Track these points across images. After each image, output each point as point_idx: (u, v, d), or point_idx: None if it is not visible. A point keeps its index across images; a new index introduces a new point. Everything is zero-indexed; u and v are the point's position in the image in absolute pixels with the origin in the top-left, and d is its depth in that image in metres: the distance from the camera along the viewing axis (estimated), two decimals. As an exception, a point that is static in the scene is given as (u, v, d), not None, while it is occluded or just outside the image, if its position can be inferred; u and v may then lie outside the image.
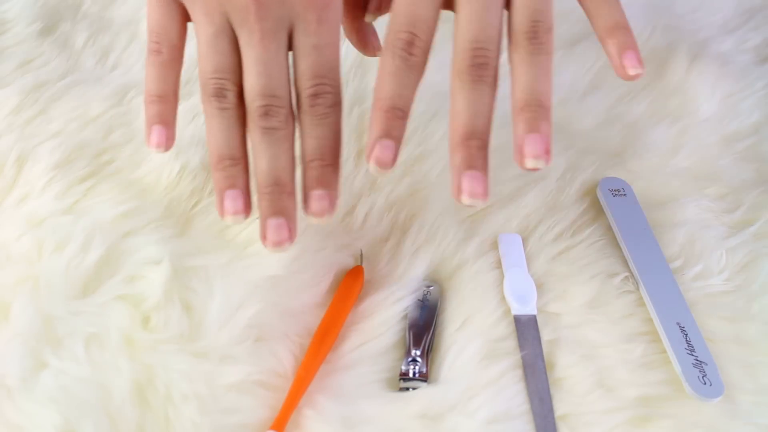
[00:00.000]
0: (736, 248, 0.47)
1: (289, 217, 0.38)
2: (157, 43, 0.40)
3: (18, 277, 0.42)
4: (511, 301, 0.43)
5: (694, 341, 0.41)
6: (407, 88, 0.36)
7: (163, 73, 0.41)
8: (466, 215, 0.48)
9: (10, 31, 0.59)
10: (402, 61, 0.36)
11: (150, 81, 0.41)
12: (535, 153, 0.35)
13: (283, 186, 0.38)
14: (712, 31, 0.64)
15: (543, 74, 0.36)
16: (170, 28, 0.40)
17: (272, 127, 0.38)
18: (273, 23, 0.37)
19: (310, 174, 0.38)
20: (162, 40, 0.40)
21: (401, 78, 0.36)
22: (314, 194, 0.38)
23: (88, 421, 0.36)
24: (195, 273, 0.42)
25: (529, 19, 0.36)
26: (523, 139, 0.35)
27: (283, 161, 0.38)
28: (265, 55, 0.37)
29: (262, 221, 0.38)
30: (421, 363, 0.40)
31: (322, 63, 0.38)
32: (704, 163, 0.53)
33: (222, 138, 0.39)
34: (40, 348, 0.39)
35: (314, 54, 0.38)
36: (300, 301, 0.43)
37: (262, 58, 0.37)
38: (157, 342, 0.39)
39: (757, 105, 0.57)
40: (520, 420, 0.39)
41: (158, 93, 0.40)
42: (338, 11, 0.39)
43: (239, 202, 0.39)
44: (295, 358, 0.40)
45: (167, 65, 0.40)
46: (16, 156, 0.48)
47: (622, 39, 0.38)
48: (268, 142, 0.38)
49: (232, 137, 0.39)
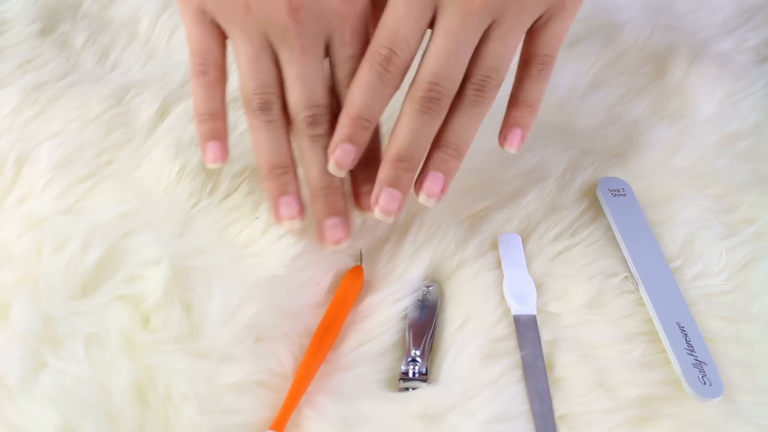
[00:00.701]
0: (735, 248, 0.47)
1: (344, 216, 0.42)
2: (202, 65, 0.42)
3: (18, 277, 0.42)
4: (510, 301, 0.43)
5: (694, 341, 0.41)
6: (377, 102, 0.40)
7: (211, 92, 0.42)
8: (466, 215, 0.48)
9: (10, 31, 0.59)
10: (377, 76, 0.39)
11: (199, 101, 0.42)
12: (430, 190, 0.40)
13: (336, 188, 0.41)
14: (711, 31, 0.64)
15: (472, 123, 0.40)
16: (212, 49, 0.42)
17: (319, 134, 0.40)
18: (311, 39, 0.39)
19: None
20: (206, 62, 0.42)
21: (373, 92, 0.39)
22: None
23: (88, 421, 0.36)
24: (195, 273, 0.42)
25: (483, 72, 0.39)
26: (425, 176, 0.40)
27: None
28: (306, 69, 0.40)
29: (318, 223, 0.41)
30: (420, 363, 0.41)
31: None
32: (704, 163, 0.53)
33: (271, 149, 0.41)
34: (40, 348, 0.39)
35: (352, 63, 0.40)
36: (300, 301, 0.43)
37: (303, 73, 0.40)
38: (157, 342, 0.39)
39: (757, 105, 0.57)
40: (520, 420, 0.39)
41: (208, 111, 0.42)
42: (368, 21, 0.41)
43: (294, 208, 0.42)
44: (295, 358, 0.40)
45: (214, 84, 0.42)
46: (15, 156, 0.48)
47: (519, 116, 0.42)
48: (317, 148, 0.41)
49: (281, 147, 0.41)
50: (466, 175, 0.50)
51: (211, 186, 0.48)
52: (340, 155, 0.40)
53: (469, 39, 0.39)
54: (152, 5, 0.62)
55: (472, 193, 0.49)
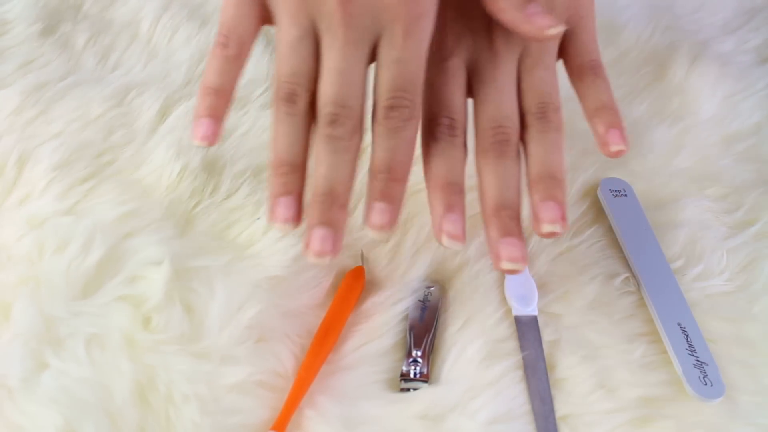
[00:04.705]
0: (736, 249, 0.47)
1: (336, 230, 0.37)
2: (226, 37, 0.39)
3: (19, 277, 0.42)
4: (512, 301, 0.43)
5: (695, 342, 0.41)
6: (459, 164, 0.39)
7: (226, 67, 0.39)
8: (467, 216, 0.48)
9: (11, 32, 0.59)
10: (446, 143, 0.39)
11: (209, 72, 0.39)
12: (550, 218, 0.37)
13: (337, 197, 0.37)
14: (712, 32, 0.64)
15: (554, 149, 0.39)
16: (243, 25, 0.39)
17: (337, 136, 0.37)
18: (358, 32, 0.37)
19: (376, 186, 0.37)
20: (231, 35, 0.39)
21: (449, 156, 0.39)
22: (376, 206, 0.37)
23: (89, 422, 0.36)
24: (196, 274, 0.42)
25: (538, 100, 0.39)
26: (539, 207, 0.38)
27: (342, 172, 0.37)
28: (343, 63, 0.37)
29: (308, 229, 0.37)
30: (422, 364, 0.40)
31: (403, 76, 0.38)
32: (705, 164, 0.53)
33: (285, 143, 0.38)
34: (41, 349, 0.39)
35: (396, 67, 0.38)
36: (301, 301, 0.43)
37: (339, 67, 0.37)
38: (158, 343, 0.39)
39: (758, 105, 0.57)
40: (521, 421, 0.39)
41: (215, 86, 0.39)
42: (428, 26, 0.38)
43: (291, 210, 0.38)
44: (296, 359, 0.40)
45: (231, 60, 0.39)
46: (17, 157, 0.48)
47: (608, 118, 0.40)
48: (331, 150, 0.37)
49: (296, 144, 0.38)
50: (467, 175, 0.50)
51: (212, 187, 0.48)
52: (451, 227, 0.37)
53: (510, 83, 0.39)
54: (153, 6, 0.62)
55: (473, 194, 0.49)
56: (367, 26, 0.37)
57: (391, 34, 0.37)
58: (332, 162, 0.37)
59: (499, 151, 0.38)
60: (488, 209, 0.38)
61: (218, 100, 0.39)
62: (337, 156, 0.37)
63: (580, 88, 0.41)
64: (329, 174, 0.37)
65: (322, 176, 0.37)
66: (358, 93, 0.38)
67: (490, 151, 0.38)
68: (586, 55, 0.41)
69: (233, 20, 0.39)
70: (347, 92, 0.37)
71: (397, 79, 0.37)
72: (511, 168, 0.38)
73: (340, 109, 0.37)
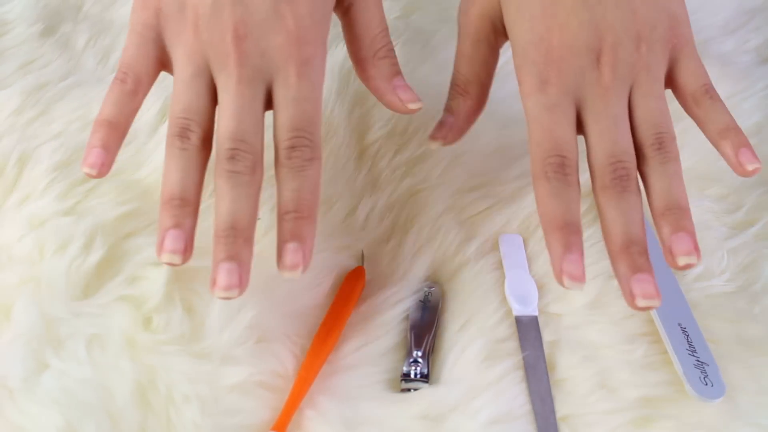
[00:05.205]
0: (737, 249, 0.47)
1: (241, 264, 0.36)
2: (125, 73, 0.39)
3: (19, 278, 0.42)
4: (512, 301, 0.43)
5: (696, 342, 0.41)
6: (574, 203, 0.38)
7: (123, 100, 0.39)
8: (467, 216, 0.48)
9: (11, 32, 0.59)
10: (559, 182, 0.38)
11: (106, 105, 0.39)
12: (685, 250, 0.37)
13: (240, 231, 0.36)
14: (712, 32, 0.64)
15: (676, 179, 0.39)
16: (141, 64, 0.40)
17: (237, 171, 0.36)
18: (251, 71, 0.37)
19: (285, 226, 0.37)
20: (129, 72, 0.39)
21: (563, 195, 0.38)
22: (288, 247, 0.36)
23: (90, 422, 0.36)
24: (196, 274, 0.42)
25: (654, 131, 0.39)
26: (671, 240, 0.37)
27: (244, 206, 0.36)
28: (239, 100, 0.37)
29: (214, 266, 0.36)
30: (422, 364, 0.40)
31: (300, 116, 0.38)
32: (705, 164, 0.53)
33: (177, 178, 0.37)
34: (42, 349, 0.39)
35: (293, 107, 0.38)
36: (301, 302, 0.43)
37: (235, 103, 0.37)
38: (159, 343, 0.39)
39: (759, 106, 0.57)
40: (522, 421, 0.39)
41: (110, 118, 0.39)
42: (321, 66, 0.39)
43: (180, 243, 0.36)
44: (297, 359, 0.40)
45: (128, 95, 0.39)
46: (17, 157, 0.48)
47: (735, 139, 0.40)
48: (231, 185, 0.36)
49: (187, 178, 0.37)
50: (468, 175, 0.50)
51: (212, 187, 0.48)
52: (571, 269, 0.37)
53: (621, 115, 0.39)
54: (153, 6, 0.62)
55: (474, 194, 0.49)
56: (260, 66, 0.38)
57: (285, 75, 0.38)
58: (233, 197, 0.36)
59: (620, 187, 0.38)
60: (616, 246, 0.38)
61: (111, 132, 0.39)
62: (238, 190, 0.36)
63: (698, 114, 0.41)
64: (231, 208, 0.36)
65: (224, 212, 0.36)
66: (255, 129, 0.37)
67: (611, 187, 0.38)
68: (697, 81, 0.41)
69: (132, 59, 0.40)
70: (244, 128, 0.37)
71: (294, 118, 0.38)
72: (635, 203, 0.38)
73: (240, 143, 0.37)
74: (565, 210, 0.38)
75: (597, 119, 0.39)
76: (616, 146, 0.39)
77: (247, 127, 0.37)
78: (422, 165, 0.51)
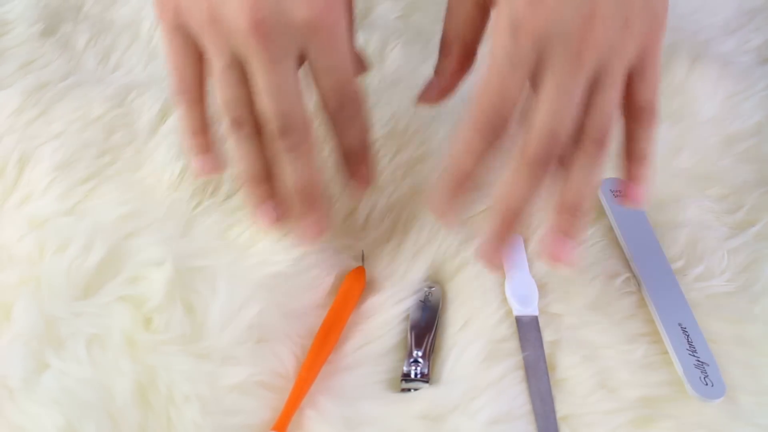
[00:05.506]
0: (737, 249, 0.47)
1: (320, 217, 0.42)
2: (179, 85, 0.42)
3: (20, 278, 0.42)
4: (512, 302, 0.43)
5: (696, 342, 0.41)
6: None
7: (191, 111, 0.42)
8: (468, 216, 0.48)
9: (12, 32, 0.59)
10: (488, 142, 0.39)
11: (181, 121, 0.43)
12: (554, 254, 0.39)
13: (309, 193, 0.41)
14: (713, 32, 0.64)
15: (591, 182, 0.39)
16: (188, 67, 0.41)
17: (292, 145, 0.40)
18: (278, 50, 0.38)
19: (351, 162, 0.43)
20: (183, 81, 0.42)
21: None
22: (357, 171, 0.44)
23: (90, 422, 0.36)
24: (197, 274, 0.42)
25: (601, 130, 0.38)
26: (551, 239, 0.39)
27: (307, 173, 0.40)
28: (274, 78, 0.38)
29: (298, 224, 0.42)
30: (422, 364, 0.41)
31: (339, 79, 0.40)
32: (706, 164, 0.53)
33: (248, 161, 0.41)
34: (42, 349, 0.39)
35: (330, 75, 0.40)
36: (302, 302, 0.43)
37: (271, 83, 0.38)
38: (159, 343, 0.39)
39: (759, 106, 0.57)
40: (522, 421, 0.39)
41: (191, 129, 0.43)
42: (343, 30, 0.40)
43: (274, 212, 0.43)
44: (297, 359, 0.40)
45: (193, 104, 0.42)
46: (17, 157, 0.48)
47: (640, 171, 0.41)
48: (292, 158, 0.40)
49: (258, 160, 0.41)
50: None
51: (213, 187, 0.48)
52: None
53: (580, 93, 0.37)
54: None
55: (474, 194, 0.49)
56: (286, 43, 0.38)
57: (316, 46, 0.39)
58: (296, 167, 0.40)
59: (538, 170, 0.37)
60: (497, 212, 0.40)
61: (198, 138, 0.43)
62: (299, 161, 0.40)
63: (632, 129, 0.40)
64: (298, 177, 0.40)
65: (293, 183, 0.41)
66: (295, 99, 0.39)
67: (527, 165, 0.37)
68: (647, 97, 0.39)
69: (177, 67, 0.42)
70: (286, 103, 0.39)
71: (335, 82, 0.40)
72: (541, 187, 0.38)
73: (285, 119, 0.39)
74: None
75: (557, 89, 0.36)
76: (560, 125, 0.37)
77: (287, 100, 0.39)
78: (422, 165, 0.51)
